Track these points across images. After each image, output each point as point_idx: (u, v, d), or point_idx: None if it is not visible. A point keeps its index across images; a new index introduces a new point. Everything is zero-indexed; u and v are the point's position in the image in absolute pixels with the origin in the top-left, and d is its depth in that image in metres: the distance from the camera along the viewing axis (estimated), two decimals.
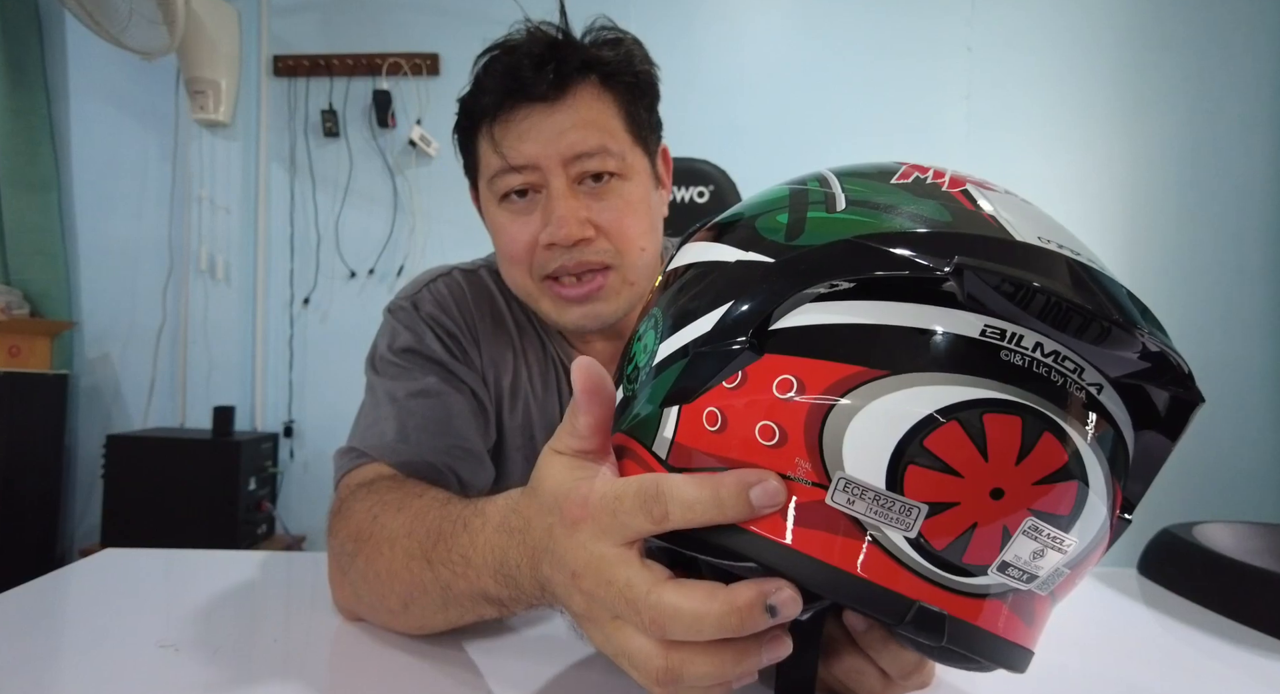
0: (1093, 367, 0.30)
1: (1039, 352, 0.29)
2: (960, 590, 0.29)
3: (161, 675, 0.47)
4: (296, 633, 0.57)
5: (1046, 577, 0.30)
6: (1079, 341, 0.30)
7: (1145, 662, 0.55)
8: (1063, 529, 0.29)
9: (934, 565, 0.29)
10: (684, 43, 2.34)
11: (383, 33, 2.38)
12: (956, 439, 0.28)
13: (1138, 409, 0.33)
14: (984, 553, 0.29)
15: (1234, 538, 0.73)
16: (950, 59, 2.32)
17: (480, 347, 0.75)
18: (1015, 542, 0.29)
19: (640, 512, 0.31)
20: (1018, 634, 0.31)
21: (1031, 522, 0.29)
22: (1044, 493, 0.29)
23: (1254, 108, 2.27)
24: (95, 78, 2.44)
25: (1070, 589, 0.33)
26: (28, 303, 2.31)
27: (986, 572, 0.29)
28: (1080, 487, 0.29)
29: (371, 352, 0.74)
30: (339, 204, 2.41)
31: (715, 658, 0.31)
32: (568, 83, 0.65)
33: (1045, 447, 0.28)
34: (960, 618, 0.29)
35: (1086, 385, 0.30)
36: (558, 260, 0.66)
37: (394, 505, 0.53)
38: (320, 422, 2.41)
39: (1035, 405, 0.29)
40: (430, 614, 0.48)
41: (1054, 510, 0.29)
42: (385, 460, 0.64)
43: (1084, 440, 0.29)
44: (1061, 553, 0.30)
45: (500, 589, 0.41)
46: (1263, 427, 2.27)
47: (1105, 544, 0.33)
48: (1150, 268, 2.29)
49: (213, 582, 0.67)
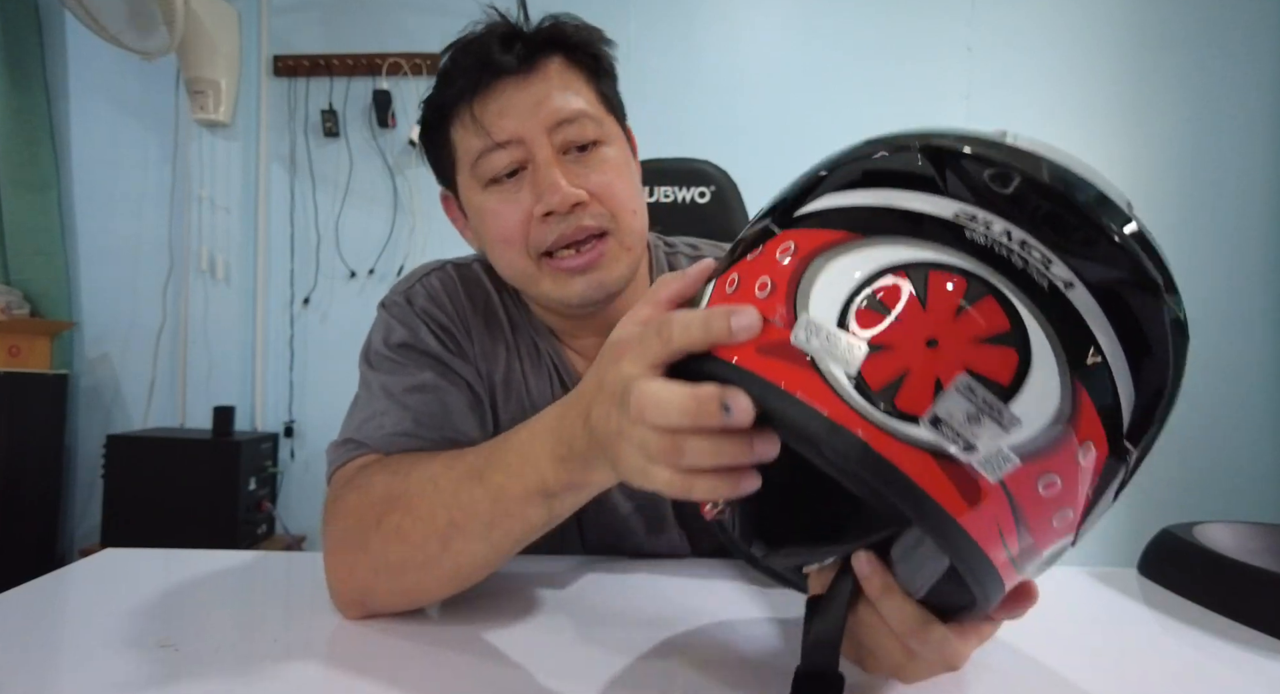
0: (1064, 264, 0.32)
1: (1006, 237, 0.32)
2: (890, 430, 0.31)
3: (161, 675, 0.47)
4: (296, 633, 0.57)
5: (988, 453, 0.31)
6: (1053, 234, 0.32)
7: (1145, 662, 0.55)
8: (1001, 399, 0.30)
9: (871, 406, 0.31)
10: (684, 43, 2.34)
11: (383, 33, 2.38)
12: (901, 289, 0.32)
13: (1130, 332, 0.33)
14: (917, 401, 0.30)
15: (1234, 538, 0.73)
16: (950, 59, 2.32)
17: (474, 339, 0.75)
18: (948, 397, 0.30)
19: (655, 336, 0.38)
20: (946, 498, 0.31)
21: (966, 380, 0.30)
22: (979, 352, 0.31)
23: (1254, 108, 2.27)
24: (95, 77, 2.44)
25: (1041, 506, 0.33)
26: (28, 303, 2.31)
27: (919, 423, 0.31)
28: (1021, 357, 0.31)
29: (366, 346, 0.74)
30: (339, 204, 2.41)
31: (710, 440, 0.35)
32: (536, 57, 0.67)
33: (985, 308, 0.31)
34: (880, 453, 0.30)
35: (1051, 276, 0.32)
36: (555, 231, 0.66)
37: (424, 458, 0.57)
38: (320, 422, 2.41)
39: (984, 274, 0.32)
40: (471, 542, 0.51)
41: (990, 374, 0.31)
42: (383, 452, 0.64)
43: (1032, 318, 0.31)
44: (1001, 426, 0.31)
45: (555, 470, 0.46)
46: (1263, 427, 2.27)
47: (1079, 461, 0.32)
48: None
49: (213, 582, 0.67)
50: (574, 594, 0.64)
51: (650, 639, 0.54)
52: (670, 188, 1.18)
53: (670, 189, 1.18)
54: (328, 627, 0.56)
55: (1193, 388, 1.70)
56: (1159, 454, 1.21)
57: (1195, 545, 0.70)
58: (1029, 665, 0.52)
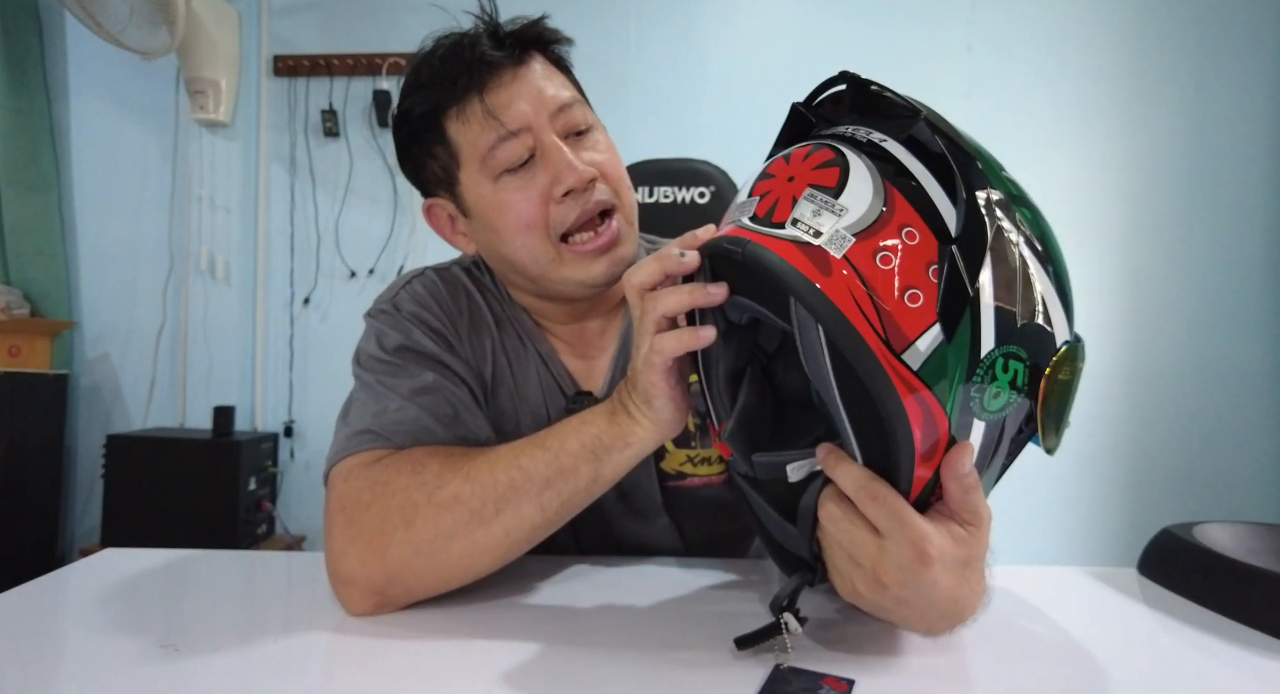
0: (880, 132, 0.48)
1: (847, 129, 0.50)
2: (767, 233, 0.46)
3: (161, 675, 0.47)
4: (296, 632, 0.57)
5: (830, 234, 0.44)
6: (874, 122, 0.50)
7: (1145, 661, 0.55)
8: (832, 196, 0.45)
9: (759, 225, 0.47)
10: (684, 43, 2.34)
11: (383, 33, 2.38)
12: (777, 162, 0.50)
13: (936, 166, 0.46)
14: (782, 212, 0.46)
15: (1234, 538, 0.73)
16: (950, 59, 2.32)
17: (463, 339, 0.75)
18: (799, 204, 0.46)
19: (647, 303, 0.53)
20: (804, 267, 0.43)
21: (809, 192, 0.46)
22: (816, 174, 0.46)
23: (1254, 108, 2.27)
24: (95, 77, 2.44)
25: (884, 277, 0.42)
26: (28, 303, 2.32)
27: (785, 226, 0.45)
28: (842, 171, 0.46)
29: (357, 355, 0.73)
30: (339, 204, 2.41)
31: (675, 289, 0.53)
32: (523, 53, 0.70)
33: (820, 153, 0.48)
34: (760, 245, 0.45)
35: (872, 139, 0.48)
36: (575, 209, 0.68)
37: (473, 451, 0.62)
38: (321, 422, 2.41)
39: (827, 141, 0.49)
40: (525, 504, 0.57)
41: (822, 183, 0.46)
42: (409, 444, 0.64)
43: (852, 153, 0.47)
44: (834, 214, 0.44)
45: (608, 423, 0.57)
46: (1263, 427, 2.27)
47: (904, 238, 0.43)
48: (1150, 268, 2.29)
49: (213, 581, 0.67)
50: (572, 593, 0.64)
51: (649, 637, 0.54)
52: (670, 188, 1.18)
53: (670, 189, 1.18)
54: (328, 626, 0.56)
55: (1194, 388, 1.73)
56: (1159, 454, 1.24)
57: (1195, 545, 0.70)
58: (1029, 664, 0.52)
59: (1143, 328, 2.29)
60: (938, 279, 0.42)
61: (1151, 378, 2.28)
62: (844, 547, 0.47)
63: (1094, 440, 2.27)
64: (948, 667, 0.51)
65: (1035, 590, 0.71)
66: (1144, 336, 2.29)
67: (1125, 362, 2.28)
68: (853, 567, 0.46)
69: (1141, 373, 2.28)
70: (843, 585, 0.48)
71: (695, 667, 0.49)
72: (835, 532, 0.47)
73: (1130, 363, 2.28)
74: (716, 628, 0.55)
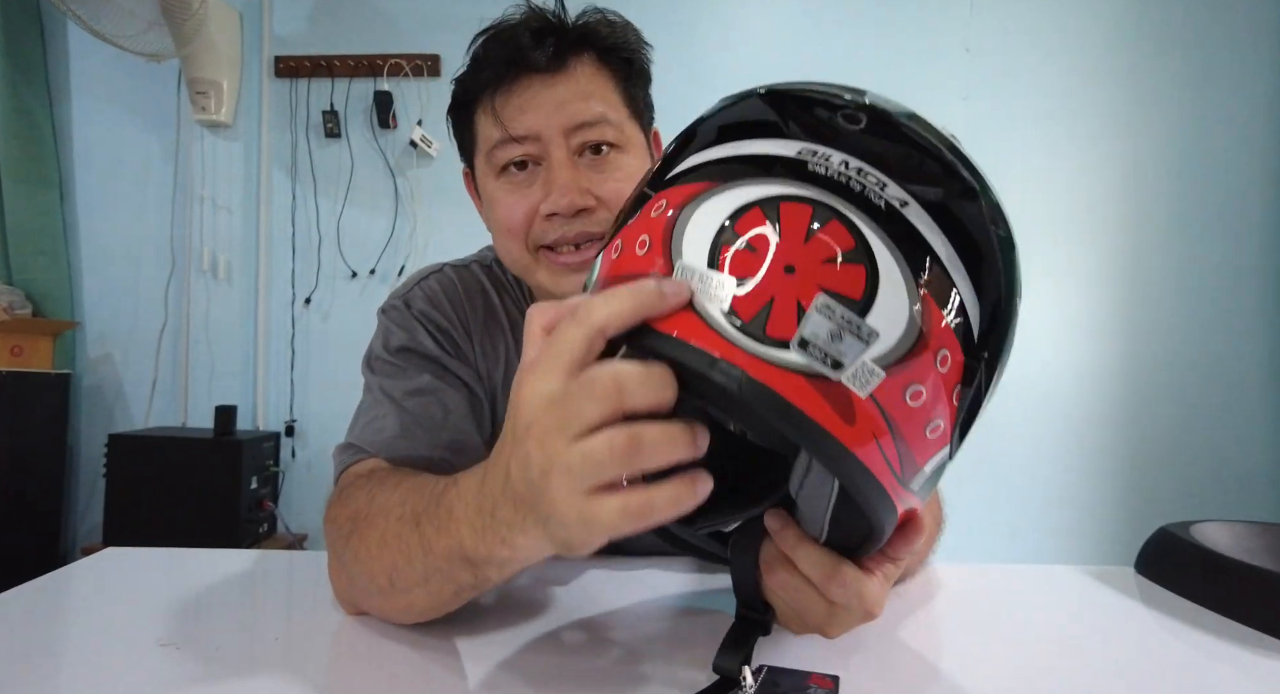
0: (898, 185, 0.36)
1: (844, 167, 0.36)
2: (766, 358, 0.33)
3: (162, 674, 0.48)
4: (298, 632, 0.57)
5: (855, 370, 0.33)
6: (882, 150, 0.36)
7: (1143, 661, 0.55)
8: (857, 313, 0.33)
9: (747, 337, 0.33)
10: (684, 42, 2.34)
11: (383, 34, 2.38)
12: (756, 221, 0.35)
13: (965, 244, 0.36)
14: (784, 325, 0.33)
15: (1231, 537, 0.73)
16: (948, 59, 2.32)
17: (473, 340, 0.75)
18: (810, 318, 0.33)
19: (570, 322, 0.35)
20: (823, 415, 0.33)
21: (823, 299, 0.33)
22: (831, 272, 0.33)
23: (1254, 108, 2.26)
24: (97, 78, 2.44)
25: (913, 418, 0.35)
26: (30, 303, 2.32)
27: (789, 347, 0.33)
28: (869, 272, 0.34)
29: (367, 353, 0.74)
30: (340, 204, 2.41)
31: (663, 427, 0.34)
32: (567, 56, 0.66)
33: (831, 231, 0.34)
34: (758, 379, 0.32)
35: (888, 197, 0.35)
36: (557, 231, 0.66)
37: (391, 484, 0.55)
38: (322, 421, 2.42)
39: (827, 201, 0.35)
40: (412, 588, 0.49)
41: (844, 291, 0.33)
42: (383, 456, 0.64)
43: (875, 236, 0.34)
44: (861, 340, 0.33)
45: (476, 542, 0.42)
46: (1261, 426, 2.27)
47: (939, 367, 0.35)
48: (1149, 267, 2.29)
49: (214, 581, 0.68)
50: (573, 593, 0.65)
51: (648, 637, 0.54)
52: None
53: None
54: (329, 626, 0.57)
55: (1192, 386, 1.72)
56: (1156, 453, 1.23)
57: (1192, 544, 0.70)
58: (1027, 663, 0.52)
59: (1140, 327, 2.28)
60: (959, 400, 0.36)
61: (1149, 377, 2.28)
62: (790, 606, 0.45)
63: (1091, 439, 2.27)
64: (938, 663, 0.51)
65: (1032, 589, 0.71)
66: (1141, 336, 2.28)
67: (1123, 360, 2.28)
68: (795, 618, 0.45)
69: (1139, 372, 2.28)
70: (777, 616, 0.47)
71: (695, 667, 0.50)
72: (784, 595, 0.44)
73: (1128, 361, 2.28)
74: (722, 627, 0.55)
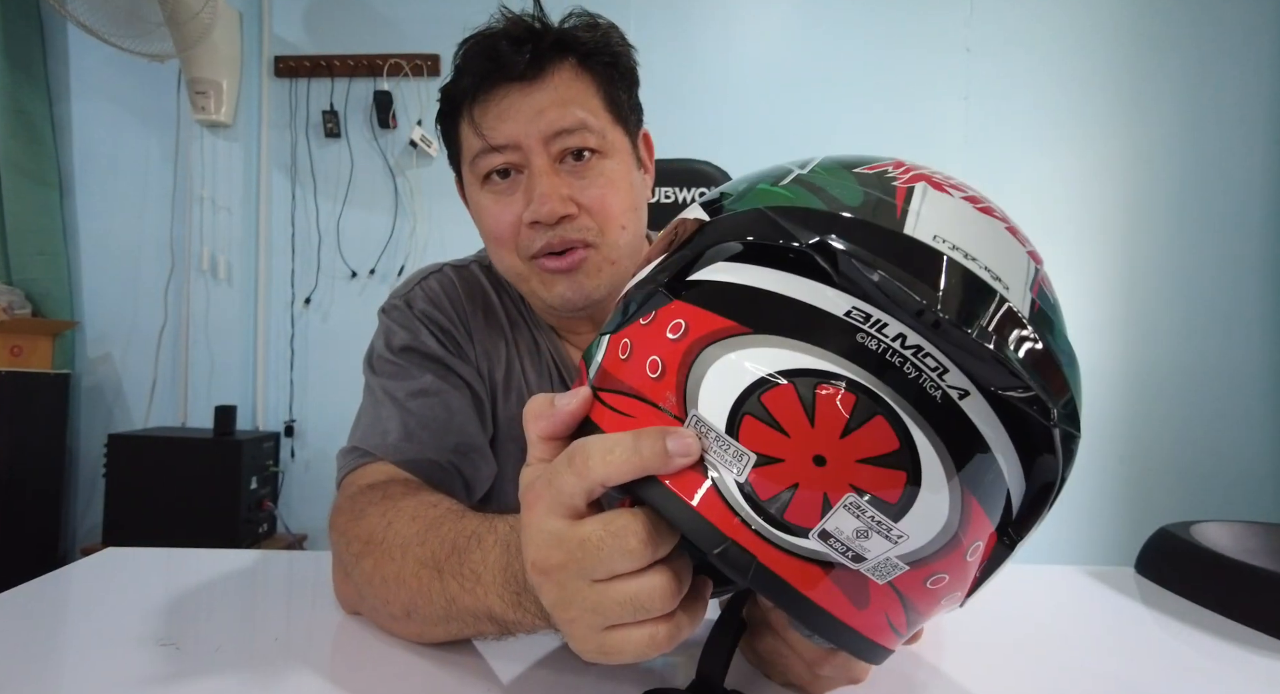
0: (960, 371, 0.30)
1: (899, 342, 0.30)
2: (780, 545, 0.31)
3: (162, 674, 0.48)
4: (297, 632, 0.57)
5: (877, 562, 0.31)
6: (948, 344, 0.30)
7: (1143, 660, 0.55)
8: (890, 517, 0.30)
9: (760, 517, 0.31)
10: (683, 43, 2.34)
11: (383, 34, 2.38)
12: (789, 401, 0.30)
13: (1024, 434, 0.32)
14: (805, 515, 0.30)
15: (1231, 537, 0.73)
16: (949, 59, 2.32)
17: (474, 340, 0.75)
18: (836, 514, 0.30)
19: (568, 469, 0.34)
20: (838, 607, 0.31)
21: (853, 498, 0.30)
22: (866, 473, 0.30)
23: (1254, 108, 2.26)
24: (97, 78, 2.44)
25: (928, 596, 0.33)
26: (30, 303, 2.32)
27: (808, 535, 0.30)
28: (909, 479, 0.30)
29: (369, 353, 0.74)
30: (340, 204, 2.41)
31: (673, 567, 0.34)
32: (545, 62, 0.66)
33: (874, 429, 0.30)
34: (769, 568, 0.30)
35: (945, 386, 0.30)
36: (542, 238, 0.66)
37: (409, 513, 0.53)
38: (321, 421, 2.41)
39: (874, 388, 0.30)
40: (431, 625, 0.49)
41: (878, 494, 0.30)
42: (389, 459, 0.64)
43: (923, 436, 0.30)
44: (890, 541, 0.30)
45: (506, 610, 0.42)
46: (1260, 426, 2.27)
47: (967, 559, 0.33)
48: (1149, 267, 2.29)
49: (214, 580, 0.68)
50: None
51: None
52: (670, 188, 1.18)
53: (670, 189, 1.18)
54: (329, 626, 0.57)
55: (1192, 387, 1.73)
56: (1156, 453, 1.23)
57: (1192, 544, 0.70)
58: (1027, 664, 0.52)
59: (1140, 327, 2.29)
60: (982, 573, 0.35)
61: (1149, 377, 2.28)
62: (776, 667, 0.45)
63: (1092, 440, 2.27)
64: (938, 663, 0.51)
65: (1032, 589, 0.71)
66: (1141, 336, 2.28)
67: (1123, 361, 2.28)
68: (776, 674, 0.46)
69: (1139, 372, 2.28)
70: (755, 664, 0.48)
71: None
72: (770, 658, 0.45)
73: (1128, 362, 2.28)
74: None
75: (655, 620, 0.34)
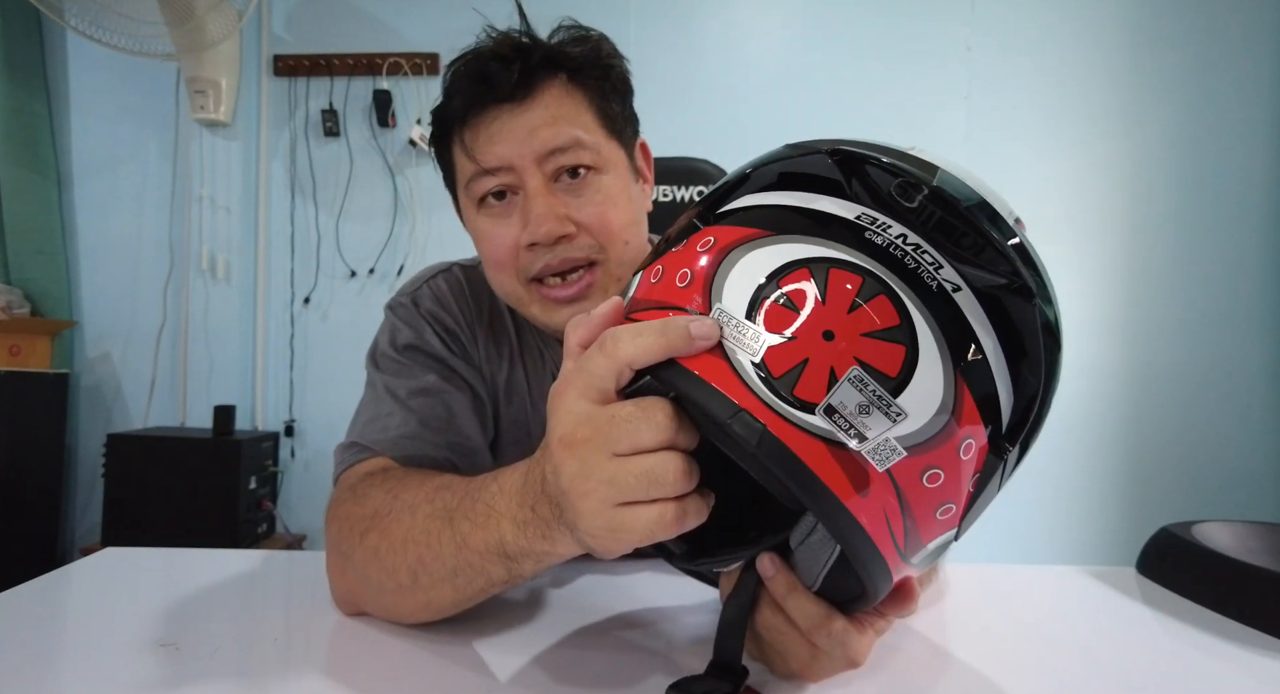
0: (953, 269, 0.35)
1: (901, 240, 0.35)
2: (788, 418, 0.33)
3: (161, 674, 0.47)
4: (297, 632, 0.57)
5: (877, 442, 0.33)
6: (944, 239, 0.35)
7: (1144, 661, 0.55)
8: (889, 391, 0.33)
9: (771, 393, 0.33)
10: (683, 42, 2.34)
11: (383, 33, 2.38)
12: (802, 282, 0.35)
13: (1010, 337, 0.35)
14: (813, 389, 0.33)
15: (1233, 537, 0.73)
16: (950, 59, 2.32)
17: (478, 343, 0.75)
18: (841, 387, 0.33)
19: (599, 352, 0.37)
20: (836, 483, 0.33)
21: (857, 372, 0.33)
22: (870, 346, 0.33)
23: (1254, 108, 2.26)
24: (96, 77, 2.44)
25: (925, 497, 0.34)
26: (28, 302, 2.31)
27: (815, 411, 0.33)
28: (909, 353, 0.33)
29: (372, 348, 0.74)
30: (339, 203, 2.41)
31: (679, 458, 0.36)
32: (535, 81, 0.65)
33: (878, 305, 0.34)
34: (778, 437, 0.33)
35: (940, 279, 0.35)
36: (541, 260, 0.65)
37: (415, 483, 0.55)
38: (321, 421, 2.41)
39: (878, 273, 0.34)
40: (437, 584, 0.49)
41: (880, 367, 0.33)
42: (389, 455, 0.64)
43: (921, 317, 0.34)
44: (889, 418, 0.33)
45: (518, 534, 0.43)
46: (1262, 425, 2.27)
47: (961, 455, 0.34)
48: (1150, 267, 2.29)
49: (213, 581, 0.68)
50: (574, 595, 0.65)
51: (646, 638, 0.54)
52: (670, 187, 1.18)
53: (670, 189, 1.18)
54: (328, 626, 0.57)
55: (1192, 387, 1.73)
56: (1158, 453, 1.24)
57: (1194, 544, 0.70)
58: (1028, 663, 0.52)
59: (1142, 326, 2.29)
60: (975, 487, 0.36)
61: (1150, 376, 2.28)
62: (775, 647, 0.45)
63: (1093, 439, 2.27)
64: (943, 665, 0.51)
65: (1034, 590, 0.71)
66: (1143, 335, 2.28)
67: (1124, 360, 2.28)
68: (777, 659, 0.46)
69: (1140, 371, 2.28)
70: (756, 654, 0.48)
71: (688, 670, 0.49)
72: (769, 636, 0.45)
73: (1129, 361, 2.28)
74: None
75: (665, 501, 0.36)
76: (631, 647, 0.53)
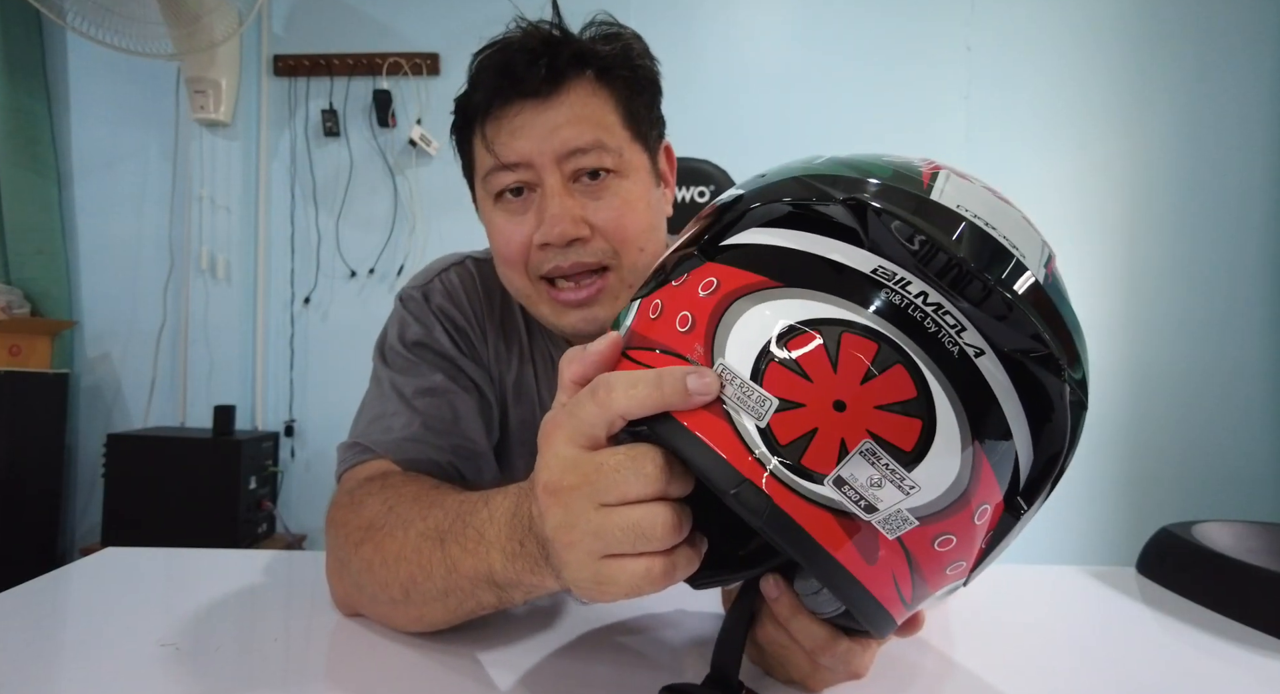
0: (977, 330, 0.32)
1: (921, 299, 0.32)
2: (795, 489, 0.31)
3: (161, 675, 0.47)
4: (296, 632, 0.57)
5: (888, 513, 0.32)
6: (968, 306, 0.32)
7: (1145, 661, 0.55)
8: (903, 465, 0.31)
9: (778, 461, 0.32)
10: (684, 42, 2.34)
11: (383, 33, 2.38)
12: (813, 348, 0.32)
13: (1035, 400, 0.33)
14: (822, 460, 0.31)
15: (1233, 537, 0.73)
16: (950, 59, 2.32)
17: (488, 341, 0.74)
18: (852, 460, 0.31)
19: (590, 400, 0.35)
20: (847, 558, 0.32)
21: (869, 445, 0.31)
22: (884, 420, 0.31)
23: (1254, 108, 2.26)
24: (96, 77, 2.44)
25: (935, 560, 0.34)
26: (28, 302, 2.31)
27: (824, 482, 0.31)
28: (925, 427, 0.31)
29: (381, 339, 0.73)
30: (339, 203, 2.41)
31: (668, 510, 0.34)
32: (562, 78, 0.63)
33: (894, 376, 0.31)
34: (783, 509, 0.31)
35: (963, 343, 0.32)
36: (552, 260, 0.64)
37: (410, 496, 0.54)
38: (321, 421, 2.41)
39: (895, 339, 0.32)
40: (429, 602, 0.48)
41: (894, 441, 0.31)
42: (391, 457, 0.64)
43: (940, 387, 0.31)
44: (902, 491, 0.31)
45: (506, 565, 0.42)
46: (1261, 426, 2.27)
47: (975, 521, 0.33)
48: (1150, 268, 2.29)
49: (213, 581, 0.67)
50: (569, 597, 0.64)
51: (646, 639, 0.54)
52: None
53: None
54: (328, 626, 0.57)
55: (1192, 387, 1.73)
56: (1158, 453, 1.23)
57: (1194, 544, 0.70)
58: (1028, 663, 0.52)
59: (1142, 327, 2.29)
60: (988, 544, 0.35)
61: (1151, 377, 2.28)
62: (777, 659, 0.45)
63: (1093, 439, 2.27)
64: (943, 665, 0.51)
65: (1034, 589, 0.71)
66: (1143, 335, 2.28)
67: (1124, 360, 2.28)
68: (779, 667, 0.46)
69: (1141, 372, 2.28)
70: (758, 661, 0.47)
71: (684, 673, 0.49)
72: (771, 650, 0.45)
73: (1129, 361, 2.28)
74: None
75: (653, 554, 0.34)
76: (632, 652, 0.53)
